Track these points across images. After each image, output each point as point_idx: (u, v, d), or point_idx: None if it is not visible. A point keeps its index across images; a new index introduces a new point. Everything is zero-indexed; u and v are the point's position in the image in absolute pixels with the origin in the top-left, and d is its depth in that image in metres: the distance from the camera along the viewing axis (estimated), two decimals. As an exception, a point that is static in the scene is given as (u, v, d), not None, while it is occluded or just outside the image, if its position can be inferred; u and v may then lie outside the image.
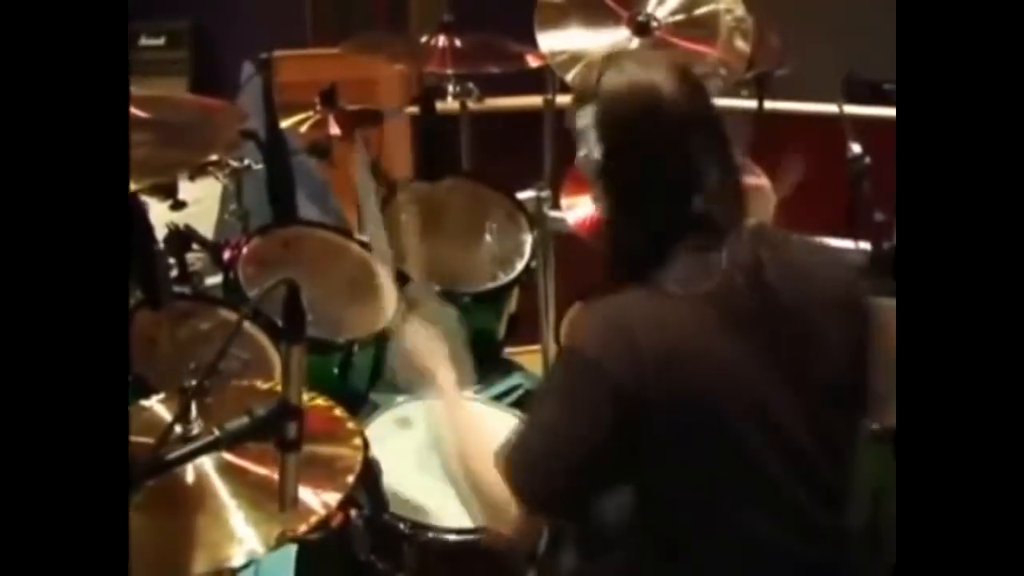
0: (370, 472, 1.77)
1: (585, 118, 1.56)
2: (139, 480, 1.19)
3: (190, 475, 1.49)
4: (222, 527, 1.44)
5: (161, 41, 5.11)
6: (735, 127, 1.92)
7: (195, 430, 1.50)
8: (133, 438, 1.54)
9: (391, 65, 3.53)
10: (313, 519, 1.48)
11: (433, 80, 2.87)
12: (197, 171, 2.53)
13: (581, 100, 1.58)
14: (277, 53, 4.46)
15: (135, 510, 1.37)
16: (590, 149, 1.55)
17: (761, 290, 1.51)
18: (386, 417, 2.16)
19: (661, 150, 1.55)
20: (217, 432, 1.23)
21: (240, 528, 1.44)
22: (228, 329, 2.16)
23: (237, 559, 1.42)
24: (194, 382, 1.56)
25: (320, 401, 1.73)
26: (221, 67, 5.00)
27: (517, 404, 2.35)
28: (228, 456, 1.48)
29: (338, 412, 1.70)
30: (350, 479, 1.52)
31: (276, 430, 1.26)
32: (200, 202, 2.87)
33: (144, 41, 5.09)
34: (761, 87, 2.81)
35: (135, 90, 1.53)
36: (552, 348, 2.67)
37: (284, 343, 1.23)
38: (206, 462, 1.49)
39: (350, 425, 1.66)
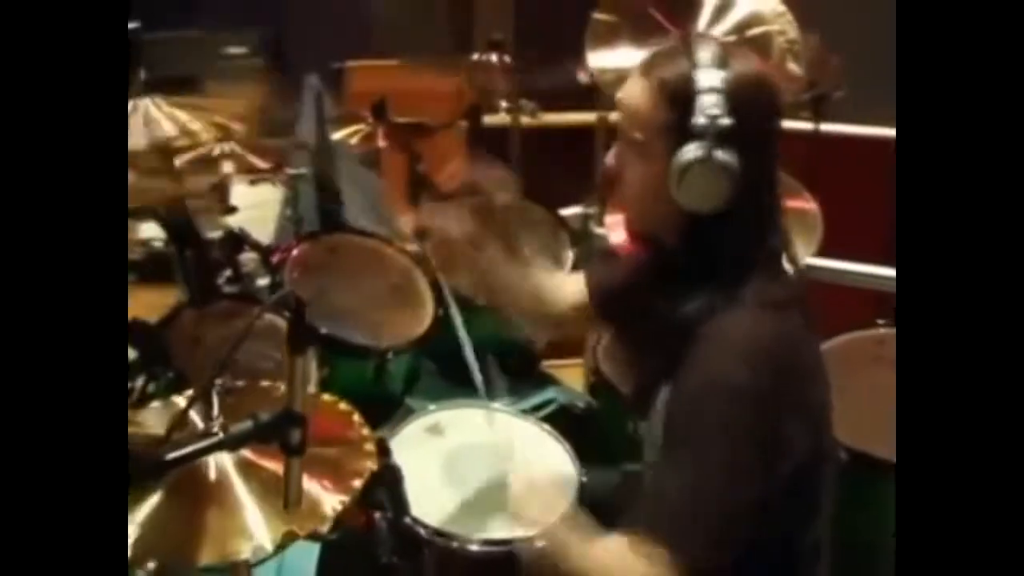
0: (390, 477, 1.79)
1: (712, 79, 1.50)
2: (141, 477, 1.23)
3: (212, 469, 1.53)
4: (236, 521, 1.48)
5: (243, 50, 5.26)
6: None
7: (216, 428, 1.56)
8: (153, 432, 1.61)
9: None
10: (321, 521, 1.51)
11: (498, 95, 2.90)
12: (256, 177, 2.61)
13: (704, 64, 1.52)
14: (349, 64, 4.58)
15: (161, 496, 1.45)
16: (719, 110, 1.49)
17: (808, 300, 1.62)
18: (418, 424, 2.18)
19: (774, 147, 1.59)
20: (221, 435, 1.28)
21: (252, 523, 1.48)
22: (272, 330, 2.22)
23: (246, 553, 1.45)
24: (219, 381, 1.63)
25: (342, 406, 1.76)
26: (299, 74, 5.12)
27: (548, 419, 2.34)
28: (247, 453, 1.53)
29: (356, 418, 1.72)
30: (358, 483, 1.55)
31: (280, 435, 1.30)
32: (262, 206, 2.95)
33: (228, 50, 5.26)
34: (818, 109, 2.79)
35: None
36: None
37: (288, 353, 1.26)
38: (226, 458, 1.54)
39: (364, 431, 1.68)
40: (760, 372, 1.47)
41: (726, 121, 1.49)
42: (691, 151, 1.50)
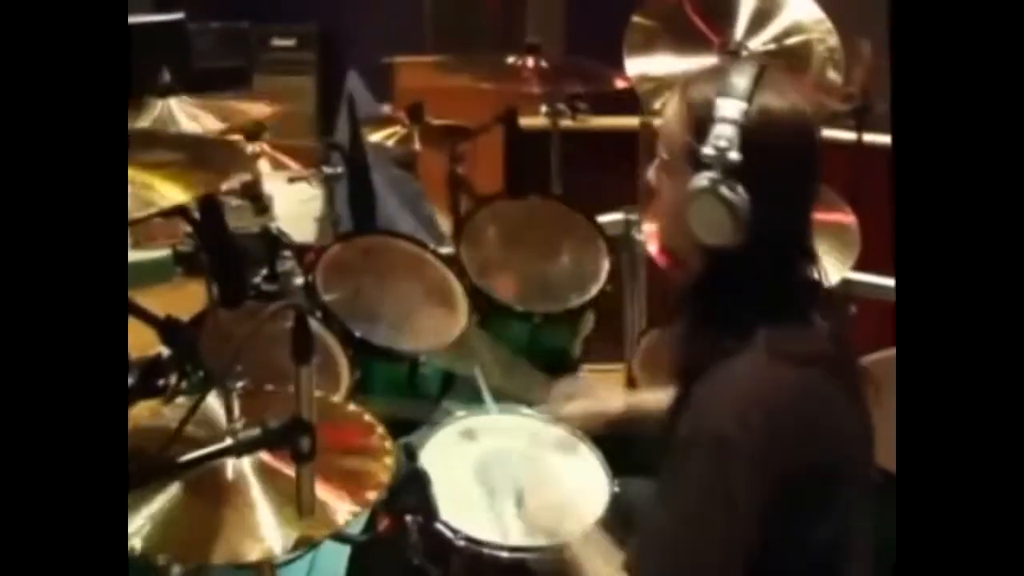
0: (418, 480, 1.80)
1: (730, 110, 1.44)
2: (149, 478, 1.26)
3: (230, 471, 1.54)
4: (251, 522, 1.49)
5: (292, 43, 5.34)
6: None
7: (239, 428, 1.58)
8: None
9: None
10: (333, 527, 1.52)
11: (555, 98, 2.89)
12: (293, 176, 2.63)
13: (728, 93, 1.46)
14: (396, 59, 4.61)
15: (178, 494, 1.47)
16: (729, 143, 1.44)
17: (847, 359, 1.54)
18: (451, 428, 2.19)
19: (803, 194, 1.51)
20: (230, 440, 1.30)
21: (267, 526, 1.48)
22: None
23: (257, 555, 1.46)
24: (240, 384, 1.65)
25: (367, 417, 1.77)
26: (346, 68, 5.17)
27: (583, 426, 2.34)
28: (266, 458, 1.54)
29: (379, 429, 1.73)
30: (373, 495, 1.56)
31: (288, 442, 1.32)
32: (303, 203, 2.98)
33: (276, 42, 5.33)
34: (861, 120, 2.75)
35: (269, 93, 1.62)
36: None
37: (294, 364, 1.28)
38: (245, 461, 1.54)
39: (387, 443, 1.69)
40: (753, 428, 1.40)
41: (734, 156, 1.43)
42: (700, 179, 1.45)
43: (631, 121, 3.02)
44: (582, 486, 2.03)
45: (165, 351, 2.00)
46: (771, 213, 1.46)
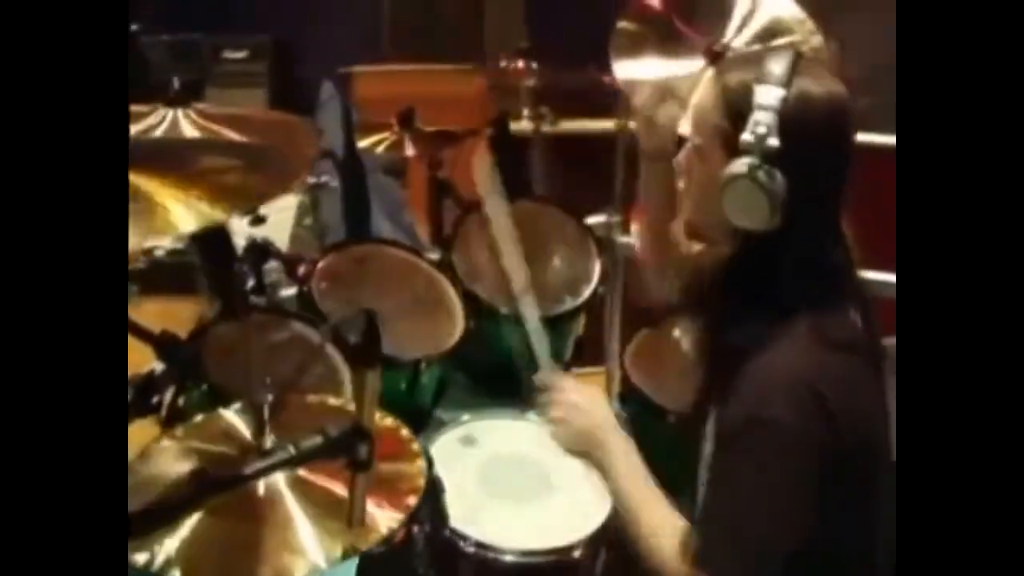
0: (432, 489, 1.80)
1: (769, 97, 1.47)
2: (215, 493, 1.24)
3: (261, 486, 1.52)
4: (288, 539, 1.47)
5: (243, 54, 5.26)
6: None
7: (267, 444, 1.56)
8: (209, 447, 1.61)
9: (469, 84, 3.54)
10: (376, 536, 1.50)
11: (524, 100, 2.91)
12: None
13: (766, 79, 1.49)
14: (356, 69, 4.58)
15: (208, 514, 1.44)
16: (768, 129, 1.46)
17: (876, 347, 1.58)
18: (451, 435, 2.19)
19: (837, 180, 1.55)
20: (292, 450, 1.28)
21: (306, 541, 1.46)
22: (302, 342, 2.22)
23: (300, 571, 1.44)
24: (271, 397, 1.63)
25: (388, 421, 1.76)
26: (300, 80, 5.13)
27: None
28: (298, 470, 1.52)
29: (404, 432, 1.72)
30: (412, 500, 1.56)
31: (347, 450, 1.30)
32: (279, 212, 2.94)
33: (226, 54, 5.25)
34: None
35: (220, 106, 1.59)
36: (616, 372, 2.67)
37: (360, 368, 1.27)
38: (278, 476, 1.53)
39: (414, 446, 1.69)
40: (806, 412, 1.43)
41: (773, 142, 1.46)
42: (738, 166, 1.49)
43: (606, 124, 3.03)
44: (585, 489, 2.04)
45: (159, 367, 1.97)
46: (808, 198, 1.50)
